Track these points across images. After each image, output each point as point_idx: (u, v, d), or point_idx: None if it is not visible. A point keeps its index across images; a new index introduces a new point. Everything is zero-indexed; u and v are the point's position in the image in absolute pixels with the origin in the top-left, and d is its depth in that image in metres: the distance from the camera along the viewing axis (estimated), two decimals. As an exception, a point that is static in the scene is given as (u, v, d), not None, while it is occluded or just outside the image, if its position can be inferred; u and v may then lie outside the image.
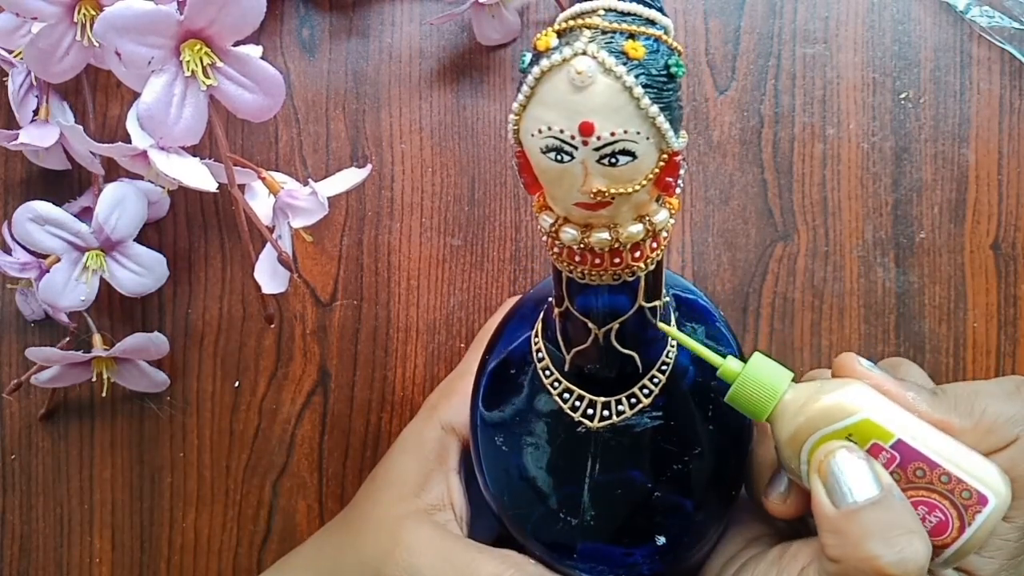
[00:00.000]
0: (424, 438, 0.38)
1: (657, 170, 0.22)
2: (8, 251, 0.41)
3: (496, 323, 0.37)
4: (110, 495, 0.46)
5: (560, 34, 0.21)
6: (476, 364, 0.36)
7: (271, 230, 0.39)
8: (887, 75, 0.45)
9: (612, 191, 0.22)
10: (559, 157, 0.21)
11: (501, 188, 0.45)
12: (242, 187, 0.41)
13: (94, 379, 0.43)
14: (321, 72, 0.45)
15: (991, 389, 0.30)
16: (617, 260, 0.24)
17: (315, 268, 0.46)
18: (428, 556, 0.34)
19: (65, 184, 0.45)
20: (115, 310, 0.46)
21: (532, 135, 0.22)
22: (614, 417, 0.29)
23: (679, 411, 0.31)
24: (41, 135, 0.40)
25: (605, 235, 0.23)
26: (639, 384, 0.29)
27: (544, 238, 0.25)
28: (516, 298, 0.41)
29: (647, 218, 0.24)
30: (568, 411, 0.29)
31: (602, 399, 0.29)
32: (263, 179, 0.40)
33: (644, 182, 0.22)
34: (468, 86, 0.46)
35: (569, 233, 0.24)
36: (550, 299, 0.30)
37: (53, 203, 0.38)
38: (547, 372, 0.30)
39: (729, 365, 0.29)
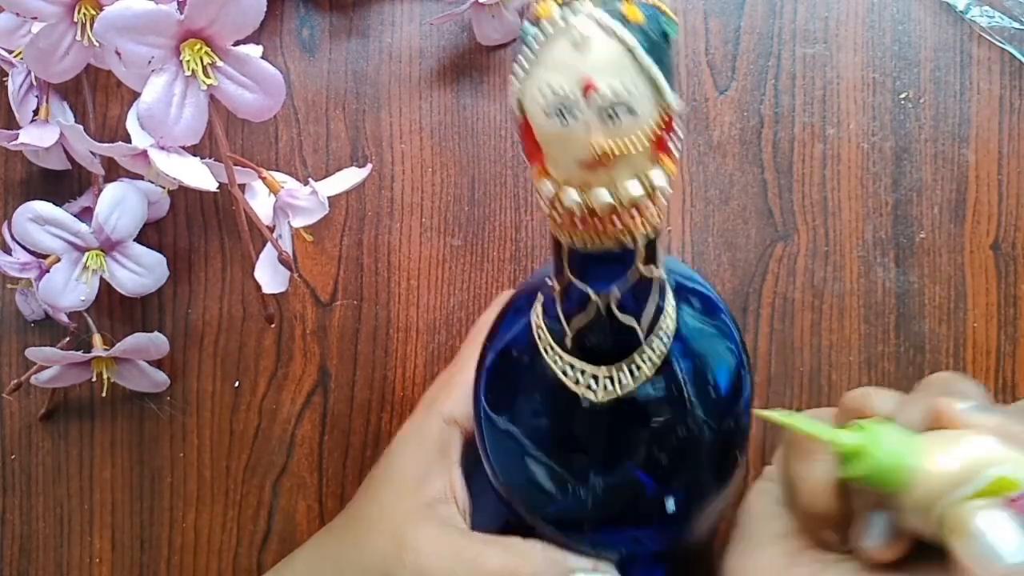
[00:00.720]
0: (425, 433, 0.37)
1: (657, 129, 0.23)
2: (8, 251, 0.41)
3: (491, 316, 0.37)
4: (110, 495, 0.46)
5: (560, 3, 0.23)
6: (472, 357, 0.37)
7: (271, 230, 0.39)
8: (887, 75, 0.45)
9: (615, 148, 0.23)
10: (563, 119, 0.23)
11: (501, 188, 0.45)
12: (242, 187, 0.41)
13: (94, 379, 0.43)
14: (321, 72, 0.45)
15: None
16: (618, 222, 0.25)
17: (315, 268, 0.46)
18: (436, 555, 0.34)
19: (65, 184, 0.45)
20: (115, 310, 0.46)
21: (535, 99, 0.23)
22: (617, 389, 0.29)
23: (680, 379, 0.31)
24: (41, 135, 0.40)
25: (606, 195, 0.24)
26: (640, 353, 0.29)
27: (544, 208, 0.26)
28: (510, 291, 0.41)
29: (646, 179, 0.24)
30: (571, 386, 0.30)
31: (604, 371, 0.29)
32: (263, 179, 0.40)
33: (645, 140, 0.23)
34: (468, 86, 0.46)
35: (571, 196, 0.24)
36: (547, 278, 0.30)
37: (53, 203, 0.38)
38: (549, 350, 0.30)
39: (849, 441, 0.29)
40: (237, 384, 0.46)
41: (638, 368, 0.29)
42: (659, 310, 0.29)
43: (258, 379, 0.46)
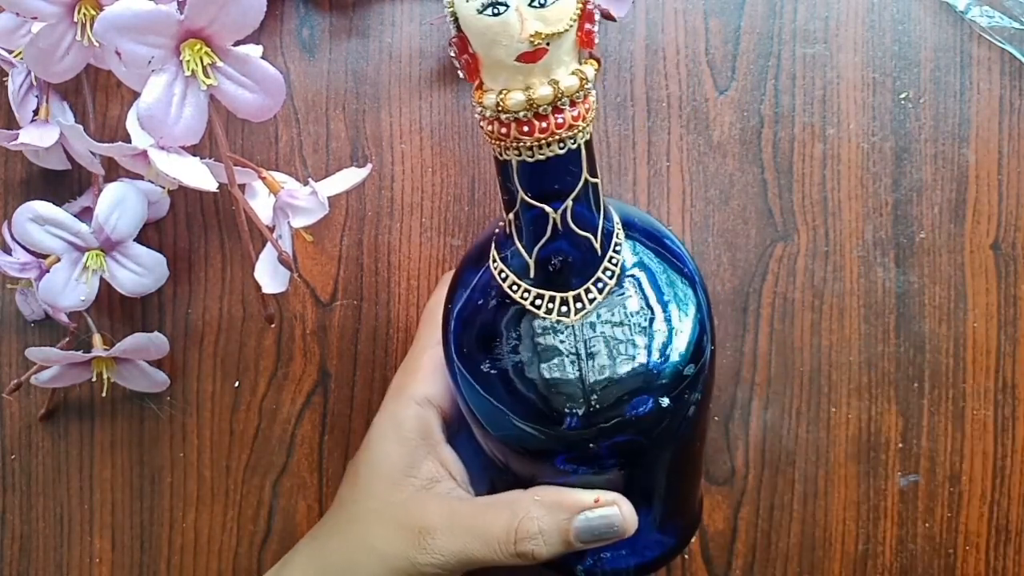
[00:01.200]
0: (401, 420, 0.37)
1: (578, 12, 0.26)
2: (8, 251, 0.41)
3: (439, 296, 0.38)
4: (110, 495, 0.46)
5: None
6: (429, 337, 0.38)
7: (271, 230, 0.39)
8: (887, 75, 0.45)
9: (547, 31, 0.25)
10: (495, 10, 0.25)
11: (501, 188, 0.45)
12: (242, 187, 0.41)
13: (94, 379, 0.43)
14: (321, 72, 0.45)
15: None
16: (560, 120, 0.27)
17: (315, 268, 0.46)
18: (449, 532, 0.35)
19: (65, 184, 0.45)
20: (115, 310, 0.46)
21: (467, 0, 0.25)
22: (588, 305, 0.31)
23: (642, 282, 0.33)
24: (41, 135, 0.40)
25: (547, 89, 0.27)
26: (600, 267, 0.31)
27: (489, 128, 0.28)
28: (451, 273, 0.41)
29: (579, 72, 0.27)
30: (544, 315, 0.31)
31: (572, 293, 0.31)
32: (263, 179, 0.40)
33: (571, 22, 0.26)
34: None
35: (515, 97, 0.27)
36: (498, 223, 0.33)
37: (53, 203, 0.38)
38: (514, 287, 0.32)
39: None
40: (237, 384, 0.46)
41: (603, 283, 0.31)
42: (608, 219, 0.31)
43: (258, 379, 0.46)
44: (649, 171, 0.45)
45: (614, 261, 0.31)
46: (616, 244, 0.32)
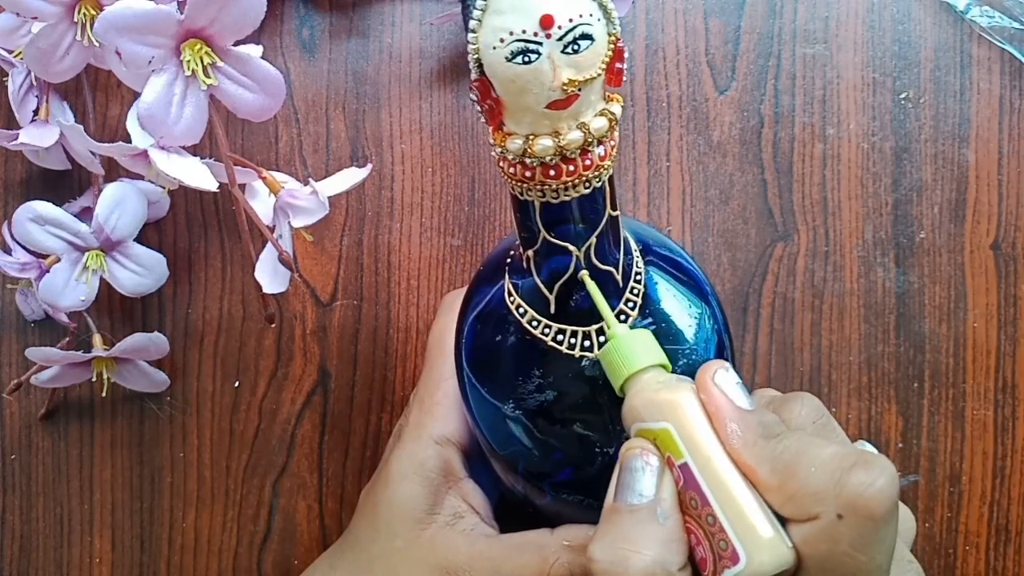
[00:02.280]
0: (421, 460, 0.37)
1: (610, 53, 0.24)
2: (8, 251, 0.41)
3: (443, 324, 0.37)
4: (110, 495, 0.46)
5: None
6: (444, 370, 0.37)
7: (271, 230, 0.39)
8: (887, 75, 0.45)
9: (581, 78, 0.24)
10: (526, 58, 0.23)
11: (501, 188, 0.45)
12: (242, 187, 0.41)
13: (94, 379, 0.43)
14: (321, 72, 0.45)
15: (825, 456, 0.25)
16: (588, 162, 0.26)
17: (315, 268, 0.46)
18: (479, 574, 0.34)
19: (65, 184, 0.45)
20: (115, 310, 0.46)
21: (495, 47, 0.24)
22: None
23: (663, 312, 0.32)
24: (41, 135, 0.40)
25: (577, 134, 0.25)
26: (623, 299, 0.30)
27: (511, 169, 0.26)
28: (457, 291, 0.40)
29: (607, 112, 0.26)
30: (567, 351, 0.30)
31: (594, 327, 0.30)
32: (263, 179, 0.40)
33: (602, 66, 0.24)
34: (468, 86, 0.46)
35: (543, 144, 0.25)
36: (510, 255, 0.31)
37: (53, 203, 0.38)
38: (534, 323, 0.31)
39: (615, 327, 0.29)
40: (237, 384, 0.46)
41: (625, 315, 0.30)
42: (628, 251, 0.30)
43: (258, 379, 0.46)
44: (649, 171, 0.45)
45: (635, 292, 0.30)
46: (637, 274, 0.31)
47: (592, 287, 0.29)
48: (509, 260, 0.32)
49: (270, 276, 0.38)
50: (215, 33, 0.33)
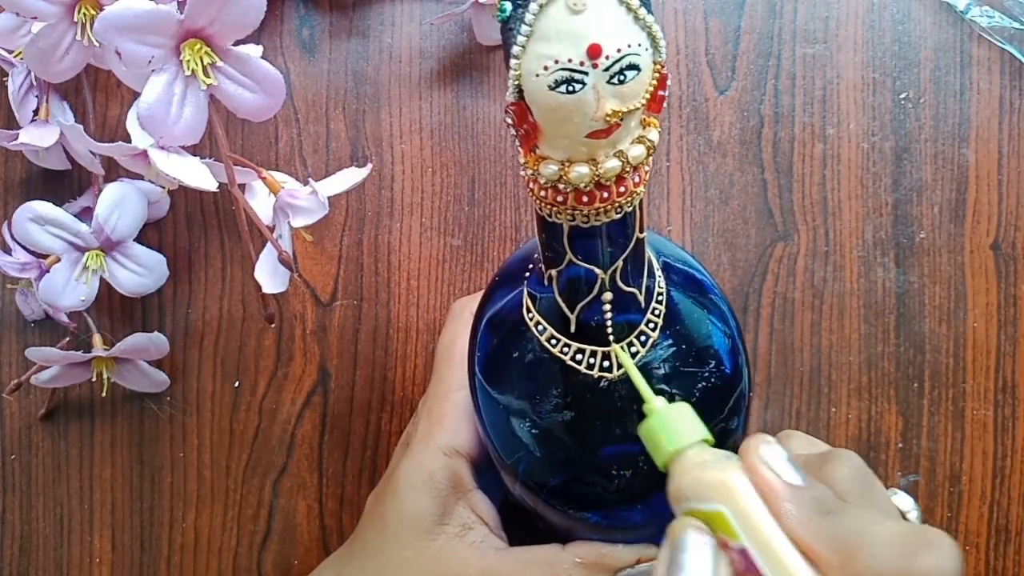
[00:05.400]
0: (431, 471, 0.37)
1: (655, 82, 0.23)
2: (8, 251, 0.41)
3: (452, 332, 0.37)
4: (110, 495, 0.46)
5: None
6: (453, 381, 0.37)
7: (271, 230, 0.39)
8: (887, 75, 0.45)
9: (624, 109, 0.23)
10: (571, 88, 0.22)
11: (501, 188, 0.45)
12: (242, 187, 0.41)
13: (94, 379, 0.43)
14: (321, 72, 0.45)
15: (888, 536, 0.25)
16: (623, 188, 0.25)
17: (315, 268, 0.46)
18: None
19: (65, 184, 0.45)
20: (115, 310, 0.46)
21: (538, 75, 0.22)
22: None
23: (684, 334, 0.31)
24: (41, 135, 0.40)
25: (615, 162, 0.24)
26: (644, 321, 0.29)
27: (541, 192, 0.26)
28: (465, 299, 0.40)
29: (645, 140, 0.25)
30: (585, 371, 0.29)
31: (615, 347, 0.29)
32: (263, 179, 0.40)
33: (646, 95, 0.23)
34: (468, 86, 0.46)
35: (579, 171, 0.24)
36: (530, 270, 0.31)
37: (53, 203, 0.38)
38: (553, 341, 0.30)
39: (653, 402, 0.29)
40: (237, 384, 0.46)
41: (646, 336, 0.30)
42: (651, 274, 0.30)
43: (258, 379, 0.46)
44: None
45: (657, 313, 0.30)
46: (659, 295, 0.30)
47: (627, 360, 0.29)
48: (528, 272, 0.31)
49: (270, 276, 0.38)
50: (215, 33, 0.33)
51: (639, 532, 0.34)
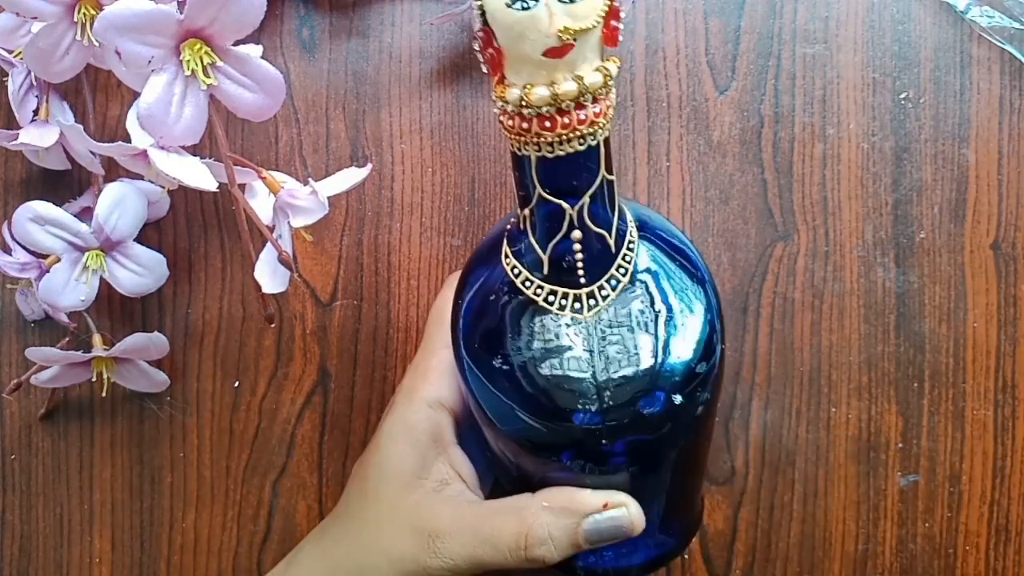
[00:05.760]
0: (412, 423, 0.37)
1: (607, 8, 0.26)
2: (8, 251, 0.41)
3: (446, 297, 0.37)
4: (110, 495, 0.46)
5: None
6: (439, 338, 0.38)
7: (271, 230, 0.39)
8: (887, 75, 0.45)
9: (575, 27, 0.25)
10: (524, 4, 0.25)
11: (501, 188, 0.45)
12: (242, 187, 0.41)
13: (94, 379, 0.43)
14: (321, 72, 0.45)
15: None
16: (583, 116, 0.27)
17: (315, 268, 0.46)
18: (459, 536, 0.35)
19: (65, 184, 0.45)
20: (115, 310, 0.46)
21: None
22: (601, 302, 0.31)
23: (654, 281, 0.33)
24: (41, 135, 0.40)
25: (572, 84, 0.26)
26: (615, 265, 0.31)
27: (509, 122, 0.28)
28: (458, 272, 0.41)
29: (603, 69, 0.27)
30: (557, 311, 0.31)
31: (585, 290, 0.31)
32: (263, 179, 0.40)
33: (598, 18, 0.26)
34: (468, 86, 0.46)
35: (539, 92, 0.26)
36: (511, 219, 0.33)
37: (53, 203, 0.38)
38: (527, 283, 0.32)
39: None
40: (237, 384, 0.46)
41: (617, 280, 0.31)
42: (623, 218, 0.31)
43: (258, 379, 0.46)
44: (649, 171, 0.45)
45: (627, 259, 0.32)
46: (630, 242, 0.32)
47: None
48: (509, 226, 0.33)
49: (270, 276, 0.38)
50: (215, 33, 0.33)
51: (610, 477, 0.34)
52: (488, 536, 0.34)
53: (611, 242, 0.31)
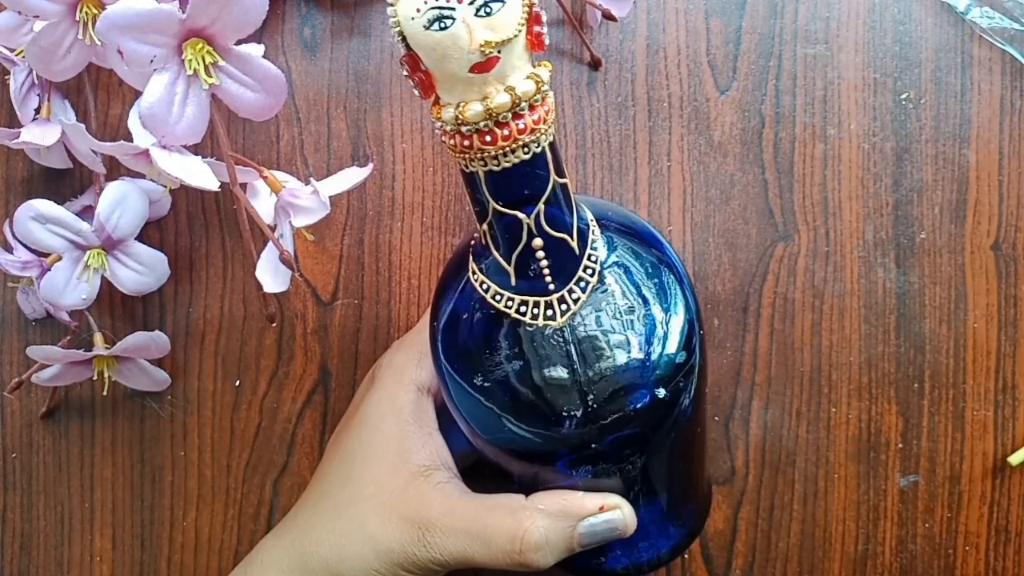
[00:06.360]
0: (400, 403, 0.37)
1: (526, 15, 0.26)
2: (10, 249, 0.41)
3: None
4: (111, 494, 0.46)
5: None
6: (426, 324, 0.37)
7: (272, 229, 0.39)
8: (888, 76, 0.45)
9: (496, 39, 0.25)
10: (443, 24, 0.25)
11: (502, 188, 0.45)
12: (244, 186, 0.41)
13: (95, 378, 0.43)
14: (322, 71, 0.46)
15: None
16: (522, 126, 0.27)
17: (316, 267, 0.46)
18: (451, 531, 0.34)
19: (67, 183, 0.45)
20: (116, 309, 0.46)
21: (413, 18, 0.25)
22: (573, 306, 0.31)
23: (623, 275, 0.33)
24: (43, 133, 0.40)
25: (504, 97, 0.27)
26: (581, 266, 0.31)
27: (451, 142, 0.28)
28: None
29: (534, 76, 0.27)
30: (530, 322, 0.31)
31: (555, 296, 0.31)
32: (265, 178, 0.40)
33: (519, 26, 0.26)
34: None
35: (473, 108, 0.27)
36: (474, 235, 0.33)
37: (55, 202, 0.38)
38: (497, 297, 0.32)
39: None
40: (238, 383, 0.46)
41: (585, 282, 0.31)
42: (582, 218, 0.31)
43: (259, 378, 0.46)
44: (650, 171, 0.45)
45: (593, 258, 0.32)
46: (593, 240, 0.32)
47: None
48: (472, 241, 0.33)
49: (271, 275, 0.38)
50: (217, 32, 0.33)
51: (606, 478, 0.35)
52: (480, 534, 0.34)
53: (574, 244, 0.31)
